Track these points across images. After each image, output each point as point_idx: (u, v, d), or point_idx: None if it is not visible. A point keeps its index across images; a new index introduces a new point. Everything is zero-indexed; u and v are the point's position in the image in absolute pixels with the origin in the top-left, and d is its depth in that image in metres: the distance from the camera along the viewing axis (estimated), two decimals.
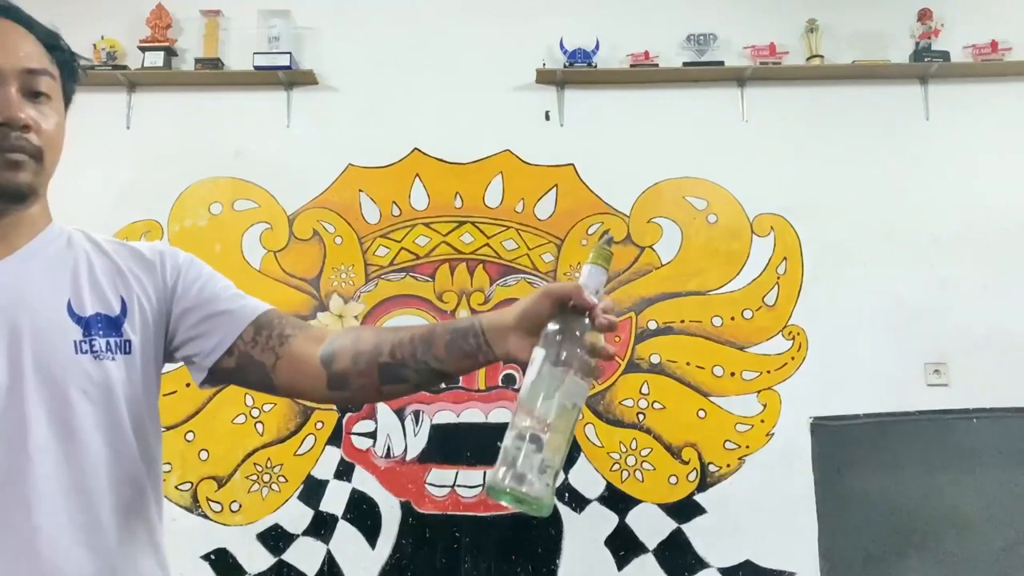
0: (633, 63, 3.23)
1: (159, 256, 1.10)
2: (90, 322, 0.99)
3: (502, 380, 3.10)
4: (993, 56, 3.21)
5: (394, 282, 3.15)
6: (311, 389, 1.09)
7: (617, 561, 3.01)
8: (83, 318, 0.99)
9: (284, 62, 3.17)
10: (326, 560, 2.98)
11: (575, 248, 3.17)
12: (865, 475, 3.06)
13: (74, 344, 0.97)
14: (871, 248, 3.18)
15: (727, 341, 3.13)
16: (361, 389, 1.07)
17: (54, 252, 1.02)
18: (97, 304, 1.01)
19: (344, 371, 1.06)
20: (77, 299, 1.00)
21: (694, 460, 3.07)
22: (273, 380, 1.08)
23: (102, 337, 0.99)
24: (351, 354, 1.06)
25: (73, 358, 0.96)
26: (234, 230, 3.17)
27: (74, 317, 0.98)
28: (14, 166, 0.94)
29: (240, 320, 1.09)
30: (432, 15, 3.31)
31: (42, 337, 0.95)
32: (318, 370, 1.07)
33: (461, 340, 1.02)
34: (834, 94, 3.27)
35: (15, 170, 0.94)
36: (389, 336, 1.06)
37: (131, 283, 1.05)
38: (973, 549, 3.01)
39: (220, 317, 1.09)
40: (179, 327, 1.08)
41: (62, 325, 0.98)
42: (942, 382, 3.11)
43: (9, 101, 0.94)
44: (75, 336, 0.98)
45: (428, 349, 1.03)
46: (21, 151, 0.94)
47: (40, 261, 1.00)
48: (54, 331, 0.97)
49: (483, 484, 3.03)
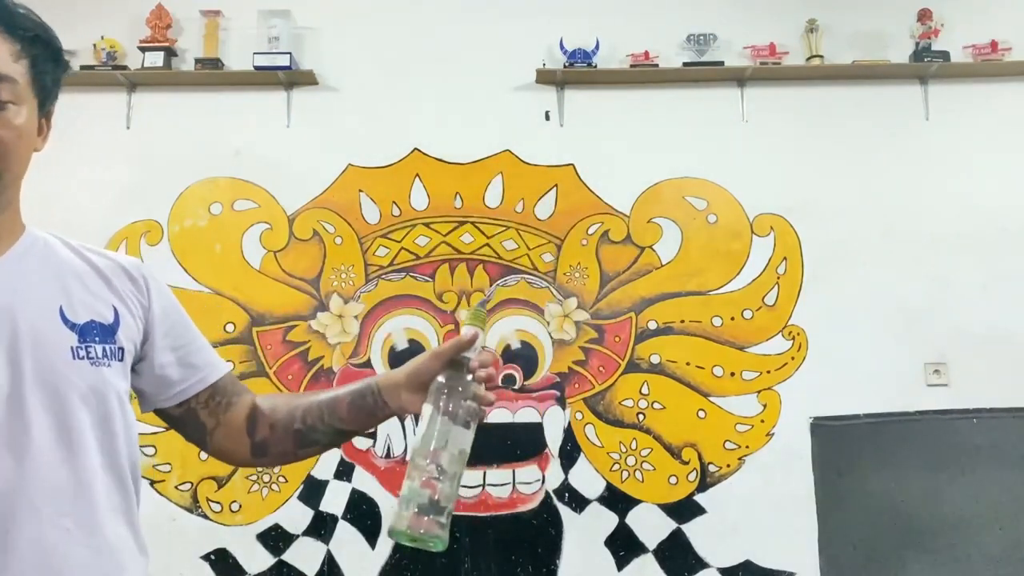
0: (633, 63, 3.23)
1: (141, 275, 1.10)
2: (85, 329, 1.00)
3: (502, 380, 3.09)
4: (993, 56, 3.21)
5: (394, 282, 3.15)
6: (236, 455, 1.18)
7: (617, 561, 3.01)
8: (77, 324, 0.99)
9: (284, 62, 3.17)
10: (326, 560, 2.98)
11: (575, 248, 3.17)
12: (865, 475, 3.06)
13: (71, 350, 0.97)
14: (871, 248, 3.18)
15: (727, 341, 3.13)
16: (280, 455, 1.18)
17: (37, 258, 1.02)
18: (90, 311, 1.01)
19: (264, 440, 1.16)
20: (69, 305, 1.00)
21: (694, 460, 3.07)
22: (207, 442, 1.17)
23: (98, 343, 1.00)
24: (269, 423, 1.16)
25: (71, 364, 0.97)
26: (234, 230, 3.17)
27: (67, 323, 0.98)
28: None
29: (202, 381, 1.15)
30: (432, 15, 3.31)
31: (40, 342, 0.95)
32: (243, 440, 1.17)
33: (360, 400, 1.13)
34: (834, 94, 3.27)
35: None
36: (301, 403, 1.16)
37: (121, 293, 1.06)
38: (973, 549, 3.01)
39: (186, 370, 1.13)
40: (148, 356, 1.09)
41: (57, 331, 0.97)
42: (942, 382, 3.11)
43: None
44: (71, 342, 0.98)
45: (333, 412, 1.14)
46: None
47: (25, 266, 0.99)
48: (51, 336, 0.97)
49: (482, 484, 3.03)
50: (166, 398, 1.12)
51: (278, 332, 3.10)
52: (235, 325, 3.06)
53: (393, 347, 3.11)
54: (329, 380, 3.08)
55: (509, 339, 3.12)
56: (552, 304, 3.14)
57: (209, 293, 3.09)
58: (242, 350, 3.07)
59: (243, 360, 3.06)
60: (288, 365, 3.09)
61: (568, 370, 3.11)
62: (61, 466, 0.93)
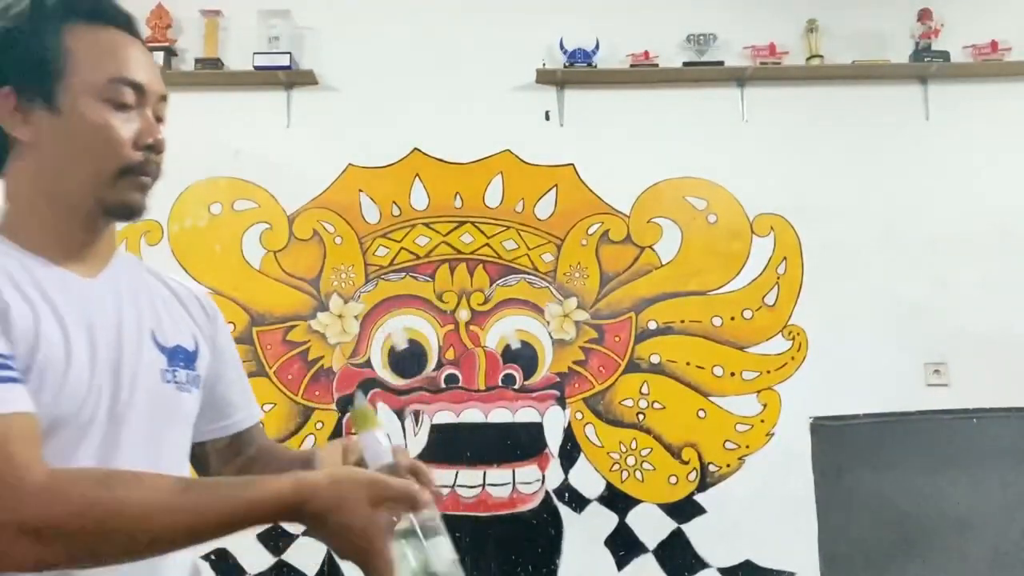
0: (633, 63, 3.23)
1: (213, 308, 1.12)
2: (173, 353, 1.00)
3: (502, 380, 3.10)
4: (993, 56, 3.21)
5: (394, 282, 3.15)
6: None
7: (617, 561, 3.01)
8: (166, 348, 0.99)
9: (284, 62, 3.17)
10: (326, 560, 2.97)
11: (575, 248, 3.17)
12: (865, 475, 3.06)
13: (161, 373, 0.97)
14: (871, 248, 3.18)
15: (727, 341, 3.13)
16: None
17: (131, 277, 1.02)
18: (176, 336, 1.02)
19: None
20: (159, 328, 1.00)
21: (694, 460, 3.07)
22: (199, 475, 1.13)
23: (182, 369, 1.00)
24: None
25: (161, 386, 0.97)
26: (234, 230, 3.17)
27: (158, 346, 0.99)
28: (144, 189, 0.96)
29: (230, 427, 1.12)
30: (432, 15, 3.30)
31: (139, 362, 0.95)
32: None
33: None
34: (834, 94, 3.27)
35: (143, 192, 0.96)
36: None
37: (197, 322, 1.07)
38: (973, 549, 3.01)
39: (224, 412, 1.11)
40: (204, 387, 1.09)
41: (151, 352, 0.98)
42: (942, 382, 3.11)
43: (154, 125, 0.96)
44: (161, 365, 0.98)
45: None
46: (154, 177, 0.97)
47: (122, 285, 1.00)
48: (146, 357, 0.97)
49: (482, 484, 3.03)
50: (200, 435, 1.08)
51: (278, 332, 3.10)
52: (235, 325, 3.06)
53: (393, 347, 3.11)
54: (329, 380, 3.08)
55: (509, 339, 3.12)
56: (552, 304, 3.14)
57: (209, 293, 3.09)
58: (242, 350, 3.07)
59: (243, 360, 3.06)
60: (288, 365, 3.09)
61: (568, 370, 3.11)
62: None
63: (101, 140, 0.92)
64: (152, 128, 0.95)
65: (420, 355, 3.11)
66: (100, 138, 0.92)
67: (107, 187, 0.93)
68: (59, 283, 0.91)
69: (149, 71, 0.97)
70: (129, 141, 0.93)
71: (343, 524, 0.80)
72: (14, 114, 0.92)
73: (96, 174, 0.92)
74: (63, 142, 0.92)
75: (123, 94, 0.93)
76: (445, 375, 3.09)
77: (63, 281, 0.92)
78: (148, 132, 0.95)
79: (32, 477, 0.77)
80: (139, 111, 0.95)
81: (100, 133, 0.92)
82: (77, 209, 0.94)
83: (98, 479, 0.81)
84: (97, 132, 0.91)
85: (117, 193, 0.94)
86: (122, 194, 0.94)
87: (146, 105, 0.96)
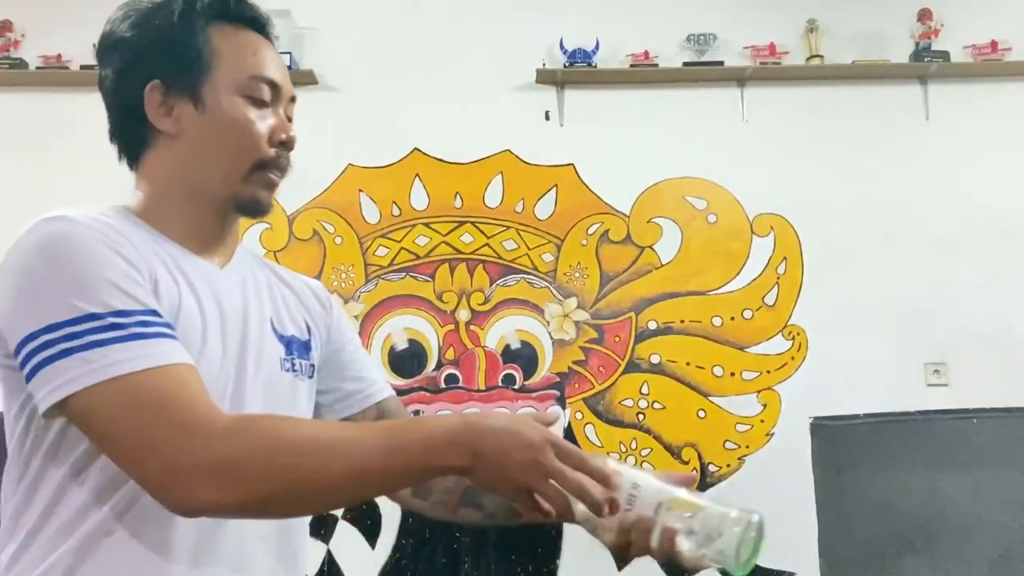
0: (633, 63, 3.23)
1: (327, 297, 1.14)
2: (291, 341, 1.01)
3: (502, 380, 3.10)
4: (993, 56, 3.21)
5: (394, 282, 3.15)
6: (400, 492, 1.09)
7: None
8: (284, 336, 1.01)
9: (284, 62, 3.17)
10: (326, 560, 2.98)
11: (575, 248, 3.17)
12: (865, 475, 3.06)
13: (280, 361, 0.99)
14: (871, 248, 3.18)
15: (727, 341, 3.13)
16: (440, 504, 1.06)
17: (250, 268, 1.05)
18: (292, 326, 1.03)
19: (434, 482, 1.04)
20: (277, 317, 1.02)
21: (694, 460, 3.07)
22: None
23: (298, 358, 1.02)
24: None
25: (280, 375, 0.98)
26: None
27: (276, 334, 1.00)
28: (273, 187, 0.99)
29: (369, 397, 1.11)
30: (432, 15, 3.31)
31: (261, 349, 0.96)
32: None
33: None
34: (834, 94, 3.27)
35: (272, 190, 0.99)
36: None
37: (311, 311, 1.08)
38: (973, 549, 3.01)
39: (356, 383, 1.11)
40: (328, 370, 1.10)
41: (271, 340, 0.99)
42: (942, 382, 3.11)
43: (287, 123, 1.00)
44: (280, 353, 0.99)
45: None
46: (284, 173, 1.00)
47: (245, 275, 1.02)
48: (268, 345, 0.98)
49: None
50: (334, 411, 1.10)
51: None
52: None
53: (393, 347, 3.11)
54: None
55: (509, 339, 3.12)
56: (552, 304, 3.14)
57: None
58: None
59: None
60: None
61: (568, 370, 3.11)
62: None
63: (241, 134, 0.95)
64: (286, 125, 0.99)
65: (420, 355, 3.12)
66: (240, 132, 0.95)
67: (242, 181, 0.96)
68: (196, 269, 0.94)
69: (283, 72, 1.02)
70: (265, 136, 0.96)
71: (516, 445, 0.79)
72: (160, 107, 0.95)
73: (233, 167, 0.96)
74: (205, 135, 0.95)
75: (262, 91, 0.97)
76: (445, 375, 3.10)
77: (199, 268, 0.95)
78: (282, 129, 0.98)
79: (215, 416, 0.79)
80: (273, 109, 0.99)
81: (240, 127, 0.95)
82: (213, 201, 0.97)
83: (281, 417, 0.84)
84: (237, 126, 0.95)
85: (250, 188, 0.97)
86: (254, 189, 0.97)
87: (280, 104, 1.00)
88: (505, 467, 0.80)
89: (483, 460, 0.79)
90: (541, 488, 0.80)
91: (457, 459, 0.80)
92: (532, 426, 0.82)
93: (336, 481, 0.80)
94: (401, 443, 0.81)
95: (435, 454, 0.80)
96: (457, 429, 0.80)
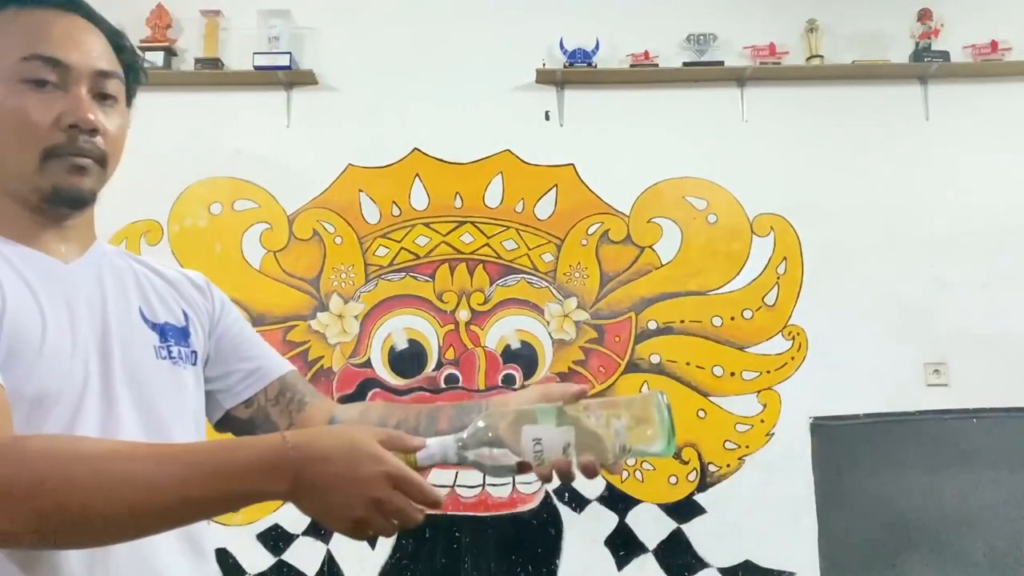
0: (633, 63, 3.23)
1: (205, 283, 1.11)
2: (164, 329, 0.99)
3: (502, 380, 3.10)
4: (993, 56, 3.21)
5: (394, 282, 3.15)
6: None
7: (617, 561, 3.01)
8: (156, 324, 0.99)
9: (284, 62, 3.17)
10: (326, 560, 2.98)
11: (575, 248, 3.17)
12: (865, 475, 3.06)
13: (154, 350, 0.97)
14: (871, 248, 3.18)
15: (727, 341, 3.13)
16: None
17: (111, 262, 1.01)
18: (166, 313, 1.01)
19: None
20: (148, 306, 1.00)
21: (694, 460, 3.07)
22: None
23: (176, 345, 0.99)
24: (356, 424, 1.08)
25: (155, 363, 0.96)
26: (234, 230, 3.17)
27: (148, 323, 0.98)
28: (79, 171, 0.91)
29: (268, 373, 1.10)
30: (432, 15, 3.30)
31: (128, 340, 0.94)
32: None
33: (465, 416, 1.01)
34: (834, 94, 3.27)
35: (80, 175, 0.92)
36: (396, 412, 1.08)
37: (189, 299, 1.06)
38: (973, 549, 3.01)
39: (251, 363, 1.09)
40: (214, 359, 1.08)
41: (141, 329, 0.97)
42: (942, 382, 3.11)
43: (80, 103, 0.90)
44: (153, 342, 0.97)
45: (432, 424, 1.04)
46: (88, 155, 0.92)
47: (103, 268, 0.99)
48: (136, 335, 0.96)
49: (482, 484, 3.03)
50: (234, 395, 1.08)
51: (278, 332, 3.10)
52: None
53: (393, 347, 3.11)
54: (329, 380, 3.08)
55: (509, 339, 3.12)
56: (552, 304, 3.14)
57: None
58: None
59: None
60: None
61: (568, 370, 3.11)
62: None
63: (15, 124, 0.88)
64: (76, 106, 0.90)
65: (420, 355, 3.11)
66: (15, 121, 0.88)
67: (35, 174, 0.90)
68: (33, 263, 0.91)
69: (78, 47, 0.91)
70: (48, 123, 0.89)
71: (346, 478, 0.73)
72: None
73: (20, 161, 0.89)
74: None
75: (38, 71, 0.89)
76: (445, 375, 3.10)
77: (37, 262, 0.91)
78: (70, 111, 0.89)
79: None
80: (70, 90, 0.90)
81: (14, 117, 0.88)
82: (21, 197, 0.92)
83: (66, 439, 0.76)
84: (11, 116, 0.88)
85: (47, 178, 0.90)
86: (53, 178, 0.90)
87: (76, 83, 0.91)
88: (330, 502, 0.74)
89: (305, 490, 0.74)
90: (377, 526, 0.76)
91: (273, 485, 0.74)
92: (370, 454, 0.75)
93: (121, 514, 0.73)
94: (205, 469, 0.73)
95: (249, 479, 0.74)
96: (277, 453, 0.74)
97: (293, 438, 0.75)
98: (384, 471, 0.75)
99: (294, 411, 1.09)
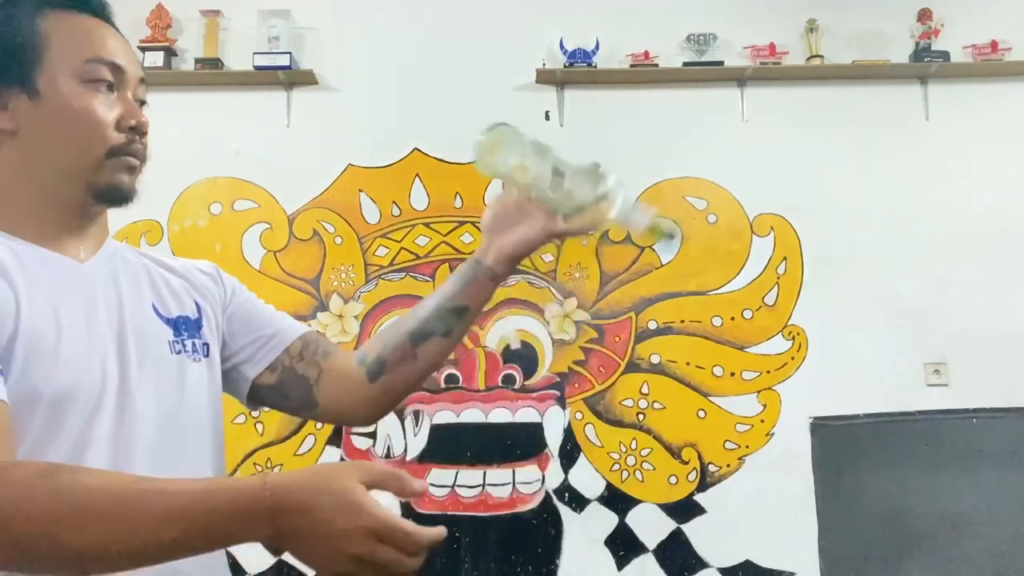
0: (633, 63, 3.23)
1: (215, 270, 1.14)
2: (178, 322, 1.01)
3: (502, 380, 3.10)
4: (993, 56, 3.21)
5: (394, 282, 3.15)
6: (353, 395, 1.11)
7: (617, 561, 3.01)
8: (170, 319, 1.00)
9: (284, 62, 3.17)
10: None
11: (575, 248, 3.17)
12: (865, 475, 3.06)
13: (168, 344, 0.98)
14: (871, 248, 3.18)
15: (727, 341, 3.13)
16: (400, 362, 1.10)
17: (123, 258, 1.03)
18: (178, 307, 1.03)
19: (379, 356, 1.11)
20: (160, 301, 1.01)
21: (694, 460, 3.07)
22: (315, 395, 1.11)
23: (189, 338, 1.01)
24: (380, 343, 1.12)
25: (169, 358, 0.98)
26: (234, 230, 3.17)
27: (162, 318, 1.00)
28: (132, 171, 0.96)
29: (288, 334, 1.12)
30: (432, 15, 3.30)
31: (144, 336, 0.96)
32: (357, 371, 1.11)
33: (461, 271, 1.11)
34: (834, 94, 3.27)
35: (132, 174, 0.96)
36: (410, 312, 1.13)
37: (201, 288, 1.08)
38: (973, 549, 3.01)
39: (268, 330, 1.12)
40: (230, 338, 1.10)
41: (155, 325, 0.98)
42: (942, 382, 3.11)
43: (135, 107, 0.96)
44: (168, 336, 0.99)
45: (443, 296, 1.11)
46: (139, 157, 0.97)
47: (116, 265, 1.01)
48: (151, 331, 0.97)
49: (482, 484, 3.03)
50: (256, 362, 1.09)
51: None
52: None
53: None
54: None
55: (509, 339, 3.12)
56: (552, 304, 3.14)
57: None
58: None
59: None
60: None
61: (568, 370, 3.11)
62: (170, 464, 0.91)
63: (83, 123, 0.92)
64: (134, 110, 0.96)
65: None
66: (82, 121, 0.92)
67: (94, 170, 0.93)
68: (50, 265, 0.92)
69: (126, 54, 0.98)
70: (112, 123, 0.93)
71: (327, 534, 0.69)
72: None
73: (81, 157, 0.93)
74: (45, 128, 0.92)
75: (101, 72, 0.93)
76: (445, 375, 3.09)
77: (54, 263, 0.93)
78: (130, 114, 0.95)
79: None
80: (119, 94, 0.95)
81: (82, 116, 0.92)
82: (65, 197, 0.94)
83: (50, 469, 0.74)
84: (79, 115, 0.92)
85: (105, 175, 0.94)
86: (110, 176, 0.94)
87: (126, 88, 0.96)
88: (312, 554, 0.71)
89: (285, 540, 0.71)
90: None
91: (252, 532, 0.71)
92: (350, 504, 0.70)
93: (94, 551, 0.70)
94: (186, 512, 0.70)
95: (226, 524, 0.71)
96: (254, 496, 0.70)
97: (272, 480, 0.71)
98: (364, 527, 0.70)
99: (320, 359, 1.12)
